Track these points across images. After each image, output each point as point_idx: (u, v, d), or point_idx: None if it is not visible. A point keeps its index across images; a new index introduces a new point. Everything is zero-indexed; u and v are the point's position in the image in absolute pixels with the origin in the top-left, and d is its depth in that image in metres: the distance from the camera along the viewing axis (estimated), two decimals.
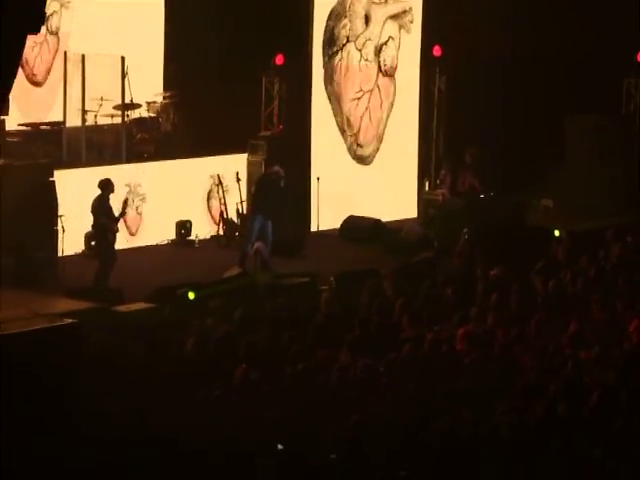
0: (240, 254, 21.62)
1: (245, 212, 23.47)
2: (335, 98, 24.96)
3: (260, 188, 22.32)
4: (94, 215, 20.15)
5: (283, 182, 22.01)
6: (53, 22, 23.11)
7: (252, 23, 23.12)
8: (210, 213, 23.86)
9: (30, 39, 13.33)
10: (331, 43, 24.66)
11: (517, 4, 25.08)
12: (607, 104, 25.81)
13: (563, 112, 25.34)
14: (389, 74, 25.59)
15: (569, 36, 24.57)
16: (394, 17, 25.35)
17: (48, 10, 22.05)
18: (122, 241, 21.60)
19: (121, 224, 21.03)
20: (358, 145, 25.38)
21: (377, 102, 25.57)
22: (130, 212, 21.91)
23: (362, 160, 25.56)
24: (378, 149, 25.72)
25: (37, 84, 23.29)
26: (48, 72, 23.40)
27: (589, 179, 24.72)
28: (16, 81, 13.22)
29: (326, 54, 24.67)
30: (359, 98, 25.27)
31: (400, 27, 25.45)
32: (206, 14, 23.48)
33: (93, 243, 20.63)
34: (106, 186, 20.23)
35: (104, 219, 20.08)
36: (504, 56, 25.34)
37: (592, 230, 21.83)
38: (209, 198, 23.88)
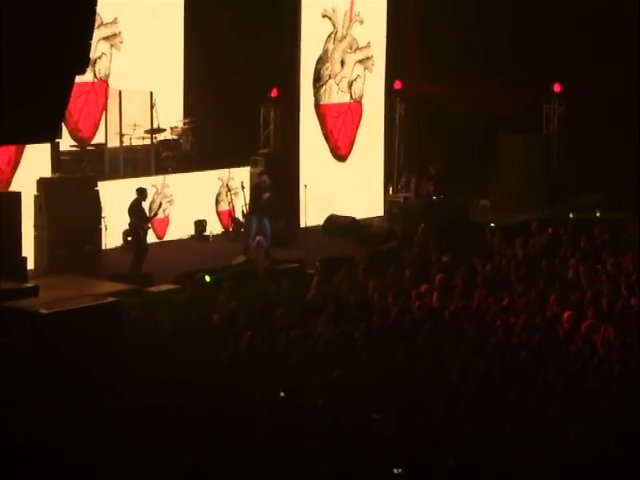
0: (244, 246, 21.71)
1: (248, 212, 23.57)
2: (321, 116, 25.19)
3: (253, 194, 22.42)
4: (130, 216, 20.19)
5: (269, 188, 22.14)
6: (102, 67, 23.05)
7: (253, 65, 23.12)
8: (220, 214, 23.88)
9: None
10: (318, 79, 25.05)
11: (458, 51, 25.00)
12: (532, 125, 25.84)
13: (497, 131, 25.40)
14: (357, 101, 25.89)
15: (500, 70, 24.52)
16: (360, 61, 25.85)
17: (96, 53, 22.18)
18: (153, 237, 21.70)
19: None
20: (337, 147, 25.55)
21: (349, 119, 25.79)
22: (160, 214, 21.91)
23: (340, 158, 25.69)
24: (351, 151, 25.84)
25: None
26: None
27: (517, 184, 24.74)
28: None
29: (315, 87, 24.99)
30: (337, 117, 25.48)
31: (365, 68, 26.00)
32: (216, 58, 23.51)
33: (129, 238, 20.61)
34: (141, 193, 20.32)
35: (138, 219, 20.15)
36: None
37: (520, 223, 21.84)
38: (219, 202, 23.90)
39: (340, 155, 25.70)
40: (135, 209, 20.10)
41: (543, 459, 11.08)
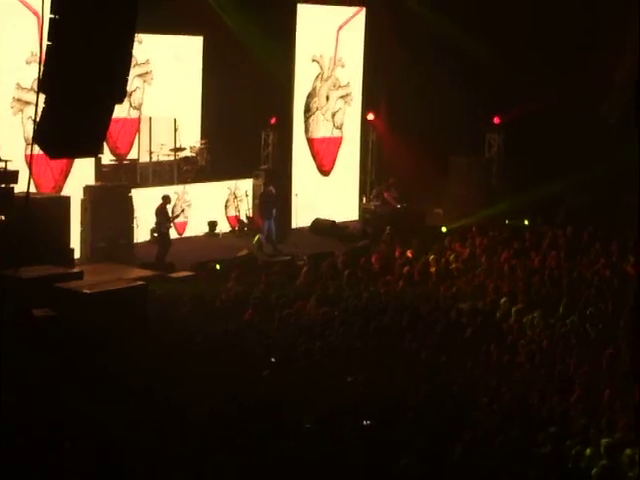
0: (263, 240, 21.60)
1: (251, 215, 23.50)
2: (310, 139, 25.15)
3: (262, 201, 22.44)
4: (156, 216, 20.17)
5: (274, 196, 22.14)
6: (136, 98, 22.98)
7: (257, 98, 23.09)
8: (228, 216, 23.87)
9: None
10: (308, 111, 24.97)
11: (417, 92, 25.09)
12: (476, 150, 25.91)
13: (449, 154, 25.44)
14: (339, 128, 25.87)
15: (454, 105, 24.57)
16: (342, 97, 25.84)
17: (132, 87, 22.14)
18: (174, 234, 21.66)
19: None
20: (322, 165, 25.53)
21: (332, 143, 25.76)
22: (181, 217, 21.89)
23: (325, 173, 25.64)
24: (333, 167, 25.80)
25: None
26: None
27: (464, 196, 24.75)
28: None
29: (305, 116, 24.93)
30: (322, 140, 25.45)
31: (345, 102, 25.97)
32: (227, 92, 23.46)
33: (155, 235, 20.56)
34: (166, 198, 20.29)
35: (162, 219, 20.12)
36: (412, 119, 25.35)
37: (465, 227, 21.90)
38: (228, 206, 23.87)
39: (324, 171, 25.71)
40: (160, 211, 20.07)
41: (483, 411, 11.13)
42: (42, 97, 12.30)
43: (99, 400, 10.69)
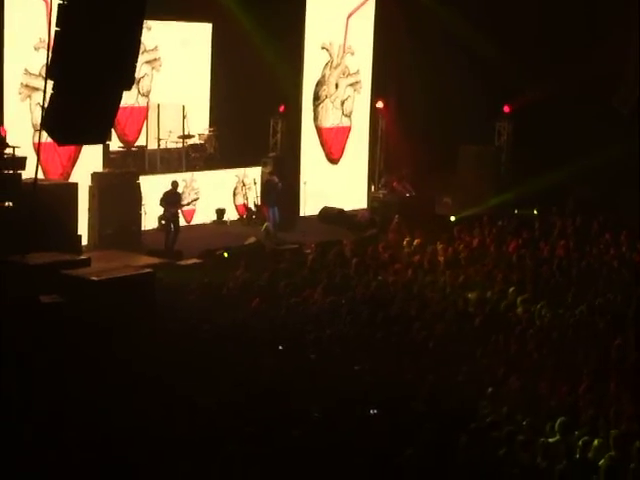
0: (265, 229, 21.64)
1: (259, 204, 23.47)
2: (318, 128, 25.14)
3: (264, 189, 22.43)
4: (161, 202, 20.07)
5: (277, 185, 22.13)
6: (144, 84, 22.94)
7: (266, 85, 23.02)
8: (236, 204, 23.85)
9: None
10: (317, 98, 24.98)
11: (429, 80, 25.04)
12: (486, 139, 25.84)
13: (458, 143, 25.38)
14: (348, 116, 25.85)
15: (463, 94, 24.51)
16: (351, 85, 25.83)
17: (140, 74, 22.09)
18: (183, 221, 21.70)
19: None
20: (331, 152, 25.49)
21: (341, 131, 25.72)
22: (191, 206, 21.89)
23: (333, 161, 25.62)
24: (342, 156, 25.76)
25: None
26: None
27: (473, 185, 24.69)
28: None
29: (314, 104, 24.93)
30: (331, 128, 25.42)
31: (354, 90, 25.95)
32: (236, 79, 23.43)
33: (163, 222, 20.54)
34: (174, 184, 20.29)
35: (167, 204, 20.07)
36: (421, 108, 25.29)
37: (474, 216, 21.86)
38: (236, 194, 23.85)
39: (333, 159, 25.70)
40: (165, 196, 20.03)
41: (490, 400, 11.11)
42: (50, 84, 12.31)
43: (105, 388, 10.68)
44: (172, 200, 20.08)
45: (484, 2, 24.23)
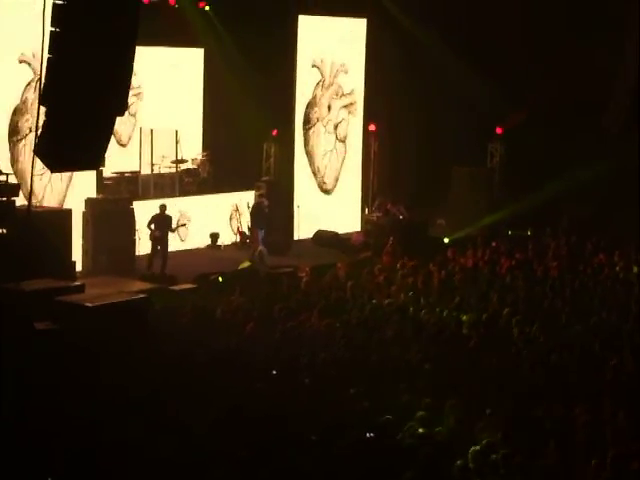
0: (252, 252, 21.66)
1: (250, 227, 23.47)
2: (310, 154, 25.07)
3: (253, 212, 22.45)
4: (148, 225, 20.10)
5: (266, 208, 22.16)
6: (132, 108, 23.02)
7: (258, 109, 23.12)
8: (231, 228, 23.86)
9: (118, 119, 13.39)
10: (307, 122, 24.85)
11: (423, 98, 25.12)
12: (478, 160, 25.93)
13: (451, 165, 25.46)
14: (342, 141, 25.79)
15: (454, 116, 24.60)
16: (345, 107, 25.67)
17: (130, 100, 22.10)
18: (178, 245, 21.70)
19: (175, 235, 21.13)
20: (324, 182, 25.48)
21: (335, 158, 25.71)
22: (181, 229, 21.91)
23: (326, 192, 25.60)
24: (335, 185, 25.76)
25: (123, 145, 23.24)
26: (130, 139, 23.31)
27: (467, 207, 24.76)
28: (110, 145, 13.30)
29: (305, 129, 24.81)
30: (324, 155, 25.39)
31: (349, 112, 25.79)
32: (228, 104, 23.51)
33: (159, 247, 20.48)
34: (161, 207, 20.30)
35: (155, 228, 20.03)
36: (413, 131, 25.38)
37: (468, 238, 21.89)
38: (230, 219, 23.86)
39: (326, 190, 25.59)
40: (153, 219, 20.07)
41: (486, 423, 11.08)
42: (43, 110, 12.33)
43: (99, 412, 10.66)
44: (160, 223, 20.09)
45: (466, 23, 24.40)
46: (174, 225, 20.76)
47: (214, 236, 23.17)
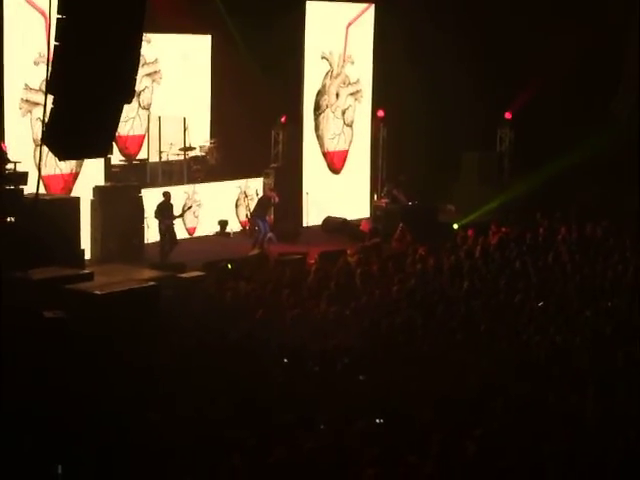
0: (254, 240, 21.67)
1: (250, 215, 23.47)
2: (320, 138, 25.22)
3: (259, 204, 22.47)
4: (155, 215, 20.20)
5: (275, 203, 22.32)
6: (145, 97, 22.94)
7: (267, 96, 23.06)
8: (239, 215, 23.85)
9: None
10: (317, 108, 25.06)
11: (428, 88, 25.08)
12: (488, 145, 25.88)
13: (460, 150, 25.41)
14: (349, 126, 25.90)
15: (463, 101, 24.52)
16: (352, 94, 25.92)
17: (141, 86, 22.14)
18: (184, 233, 21.69)
19: (181, 225, 21.09)
20: (332, 162, 25.53)
21: (342, 140, 25.75)
22: (188, 215, 21.91)
23: (335, 172, 25.69)
24: (344, 165, 25.76)
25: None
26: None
27: (476, 192, 24.71)
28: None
29: (315, 114, 25.01)
30: (333, 138, 25.49)
31: (355, 99, 26.05)
32: (236, 90, 23.45)
33: (166, 235, 20.52)
34: (166, 195, 20.33)
35: (162, 217, 20.06)
36: (423, 117, 25.31)
37: (477, 223, 21.85)
38: (238, 206, 23.85)
39: (335, 169, 25.72)
40: (158, 208, 20.09)
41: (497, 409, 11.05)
42: (50, 98, 12.31)
43: (109, 401, 10.68)
44: (165, 211, 20.10)
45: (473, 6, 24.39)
46: (178, 212, 20.73)
47: (223, 223, 23.15)
